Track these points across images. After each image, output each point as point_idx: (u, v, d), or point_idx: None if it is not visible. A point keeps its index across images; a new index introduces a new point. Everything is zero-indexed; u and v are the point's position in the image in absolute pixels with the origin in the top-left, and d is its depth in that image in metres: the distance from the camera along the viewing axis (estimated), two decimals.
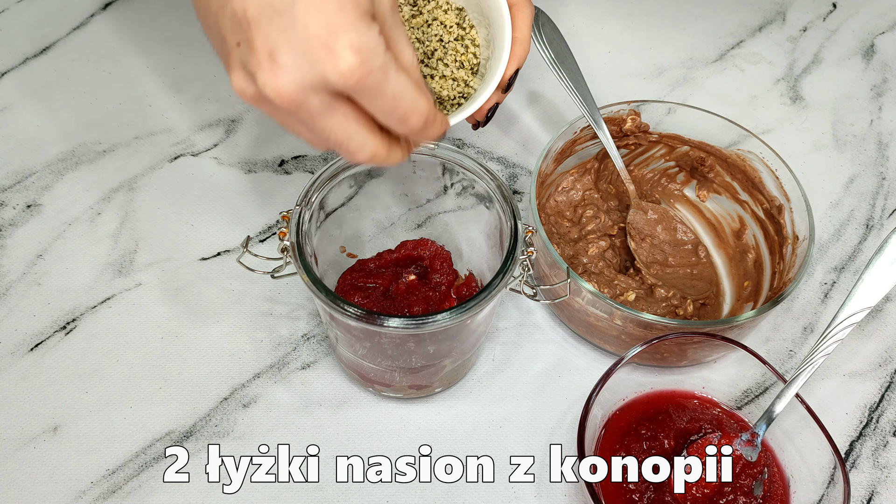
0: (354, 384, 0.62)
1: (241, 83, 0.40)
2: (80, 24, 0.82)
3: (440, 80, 0.58)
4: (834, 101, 0.83)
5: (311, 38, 0.38)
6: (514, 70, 0.57)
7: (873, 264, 0.55)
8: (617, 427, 0.58)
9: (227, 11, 0.39)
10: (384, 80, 0.40)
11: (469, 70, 0.59)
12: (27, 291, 0.65)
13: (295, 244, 0.53)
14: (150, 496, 0.57)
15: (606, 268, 0.66)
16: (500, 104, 0.59)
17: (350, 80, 0.38)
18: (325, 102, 0.40)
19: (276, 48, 0.38)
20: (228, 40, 0.40)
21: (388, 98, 0.40)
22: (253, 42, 0.38)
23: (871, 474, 0.61)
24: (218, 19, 0.40)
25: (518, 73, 0.58)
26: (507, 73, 0.57)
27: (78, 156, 0.73)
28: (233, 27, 0.39)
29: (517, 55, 0.57)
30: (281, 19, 0.38)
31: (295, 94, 0.39)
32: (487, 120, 0.60)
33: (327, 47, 0.38)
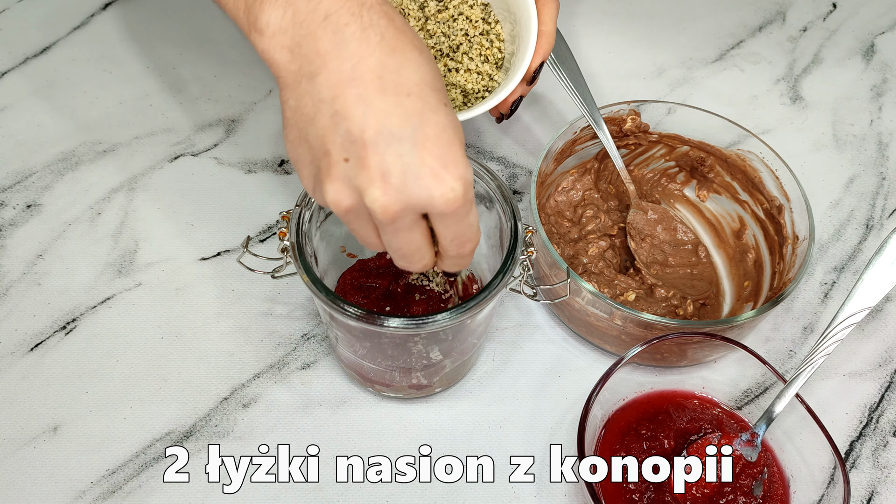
0: (354, 384, 0.62)
1: (340, 194, 0.43)
2: (80, 24, 0.82)
3: (465, 73, 0.59)
4: (834, 101, 0.83)
5: (425, 167, 0.42)
6: (539, 62, 0.58)
7: (873, 264, 0.55)
8: (617, 427, 0.58)
9: (340, 129, 0.42)
10: (470, 211, 0.44)
11: (493, 64, 0.60)
12: (27, 291, 0.65)
13: (295, 244, 0.53)
14: (150, 496, 0.57)
15: (606, 268, 0.66)
16: (524, 97, 0.60)
17: (452, 206, 0.43)
18: (414, 221, 0.44)
19: (391, 171, 0.41)
20: (334, 155, 0.42)
21: (465, 226, 0.45)
22: (367, 160, 0.41)
23: (871, 474, 0.61)
24: (325, 134, 0.42)
25: (543, 67, 0.59)
26: (532, 66, 0.58)
27: (78, 156, 0.73)
28: (345, 144, 0.42)
29: (542, 48, 0.58)
30: (399, 145, 0.41)
31: (398, 213, 0.42)
32: (511, 112, 0.60)
33: (438, 176, 0.42)
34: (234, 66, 0.80)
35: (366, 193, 0.42)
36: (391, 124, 0.41)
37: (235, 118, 0.76)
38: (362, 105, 0.42)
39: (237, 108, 0.77)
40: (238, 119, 0.76)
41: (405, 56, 0.43)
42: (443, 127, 0.42)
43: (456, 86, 0.59)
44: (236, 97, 0.78)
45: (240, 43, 0.81)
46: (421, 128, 0.42)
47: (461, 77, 0.59)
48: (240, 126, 0.76)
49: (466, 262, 0.49)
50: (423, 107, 0.42)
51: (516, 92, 0.59)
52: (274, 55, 0.44)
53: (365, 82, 0.42)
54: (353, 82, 0.42)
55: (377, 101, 0.42)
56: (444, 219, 0.44)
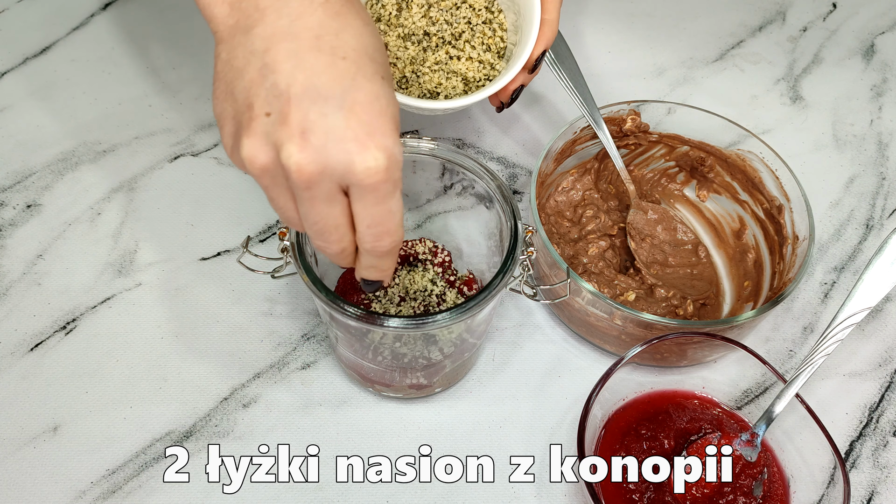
0: (354, 384, 0.62)
1: (255, 149, 0.41)
2: (80, 24, 0.82)
3: (466, 61, 0.59)
4: (834, 101, 0.83)
5: (349, 130, 0.40)
6: (541, 51, 0.57)
7: (873, 264, 0.55)
8: (617, 427, 0.58)
9: (267, 82, 0.40)
10: (393, 192, 0.42)
11: (495, 53, 0.60)
12: (27, 291, 0.65)
13: (295, 244, 0.53)
14: (150, 496, 0.57)
15: (606, 268, 0.66)
16: (525, 86, 0.59)
17: (371, 177, 0.40)
18: (333, 191, 0.41)
19: (311, 129, 0.39)
20: (256, 108, 0.41)
21: (385, 211, 0.42)
22: (288, 116, 0.40)
23: (871, 474, 0.61)
24: (251, 86, 0.41)
25: (545, 55, 0.58)
26: (534, 54, 0.58)
27: (78, 156, 0.73)
28: (269, 98, 0.40)
29: (545, 36, 0.57)
30: (324, 104, 0.40)
31: (313, 175, 0.40)
32: (512, 101, 0.60)
33: (361, 142, 0.40)
34: None
35: (282, 149, 0.40)
36: (320, 83, 0.40)
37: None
38: (293, 60, 0.40)
39: None
40: None
41: (347, 21, 0.42)
42: (375, 96, 0.41)
43: (457, 73, 0.59)
44: None
45: None
46: (351, 91, 0.40)
47: (462, 65, 0.59)
48: None
49: (384, 266, 0.46)
50: (356, 72, 0.41)
51: (517, 80, 0.58)
52: (213, 9, 0.43)
53: (300, 39, 0.40)
54: (287, 37, 0.40)
55: (309, 58, 0.40)
56: (363, 195, 0.41)
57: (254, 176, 0.42)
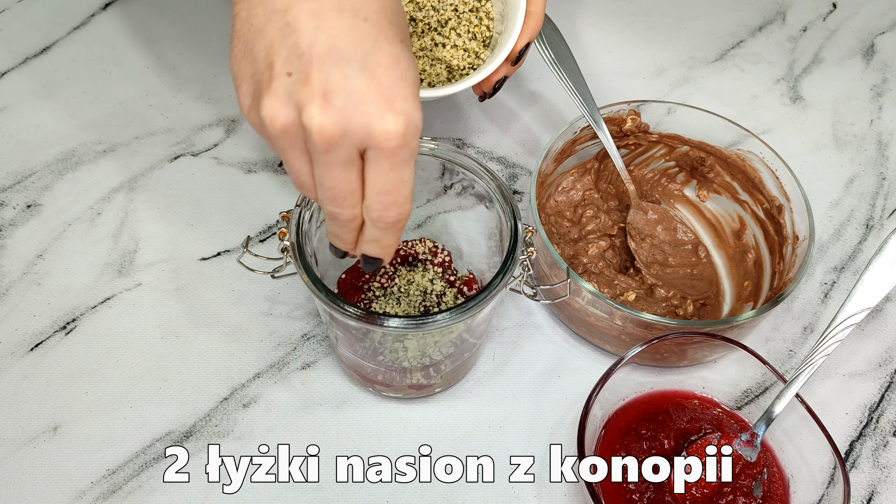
0: (354, 384, 0.62)
1: (276, 109, 0.40)
2: (80, 24, 0.82)
3: (451, 49, 0.59)
4: (834, 101, 0.83)
5: (370, 92, 0.39)
6: (525, 42, 0.57)
7: (873, 265, 0.55)
8: (617, 427, 0.58)
9: (288, 41, 0.40)
10: (409, 160, 0.41)
11: (481, 42, 0.60)
12: (27, 291, 0.65)
13: (295, 244, 0.53)
14: (150, 496, 0.57)
15: (606, 268, 0.66)
16: (508, 77, 0.59)
17: (390, 142, 0.40)
18: (351, 155, 0.41)
19: (334, 90, 0.39)
20: (277, 67, 0.40)
21: (398, 179, 0.42)
22: (310, 77, 0.39)
23: (871, 474, 0.61)
24: (271, 45, 0.41)
25: (529, 48, 0.58)
26: (518, 45, 0.57)
27: (78, 156, 0.73)
28: (290, 58, 0.40)
29: (529, 28, 0.57)
30: (347, 66, 0.39)
31: (334, 137, 0.40)
32: (494, 91, 0.59)
33: (382, 105, 0.39)
34: None
35: (304, 110, 0.39)
36: (342, 44, 0.40)
37: (235, 118, 0.76)
38: (315, 20, 0.40)
39: (237, 108, 0.77)
40: (238, 119, 0.76)
41: None
42: (396, 59, 0.40)
43: (441, 61, 0.59)
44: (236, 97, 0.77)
45: None
46: (373, 54, 0.40)
47: (447, 52, 0.58)
48: (240, 126, 0.76)
49: (387, 242, 0.45)
50: (378, 34, 0.40)
51: (500, 71, 0.58)
52: None
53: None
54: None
55: (331, 19, 0.40)
56: (379, 159, 0.41)
57: (272, 136, 0.42)
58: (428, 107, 0.77)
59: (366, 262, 0.47)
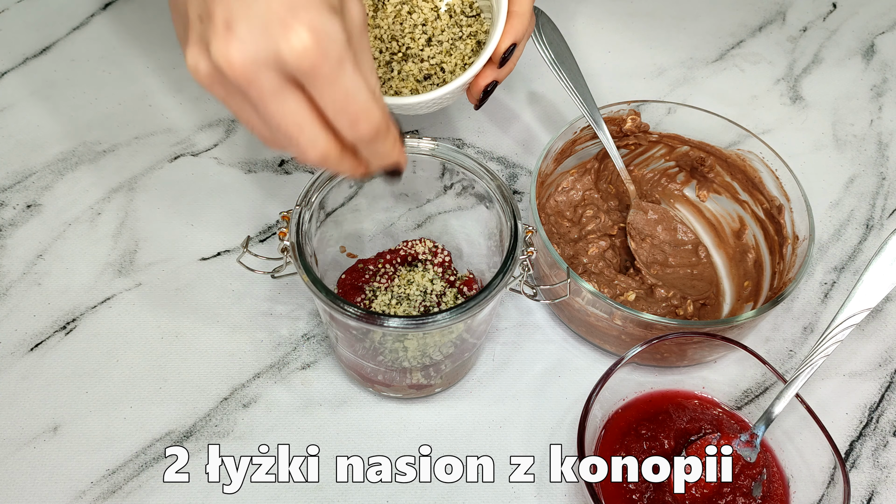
0: (354, 384, 0.62)
1: (194, 58, 0.39)
2: (80, 24, 0.82)
3: (445, 55, 0.59)
4: (834, 101, 0.83)
5: (271, 12, 0.37)
6: (508, 43, 0.55)
7: (873, 265, 0.55)
8: (617, 427, 0.58)
9: None
10: (339, 71, 0.39)
11: (470, 46, 0.60)
12: (27, 291, 0.65)
13: (295, 244, 0.53)
14: (150, 496, 0.57)
15: (606, 268, 0.66)
16: (498, 82, 0.57)
17: (303, 60, 0.38)
18: (278, 84, 0.39)
19: (234, 18, 0.38)
20: (192, 16, 0.39)
21: (341, 93, 0.39)
22: (213, 13, 0.38)
23: (871, 474, 0.61)
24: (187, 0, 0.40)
25: (515, 49, 0.56)
26: (500, 46, 0.55)
27: (78, 156, 0.73)
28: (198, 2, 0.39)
29: (513, 29, 0.55)
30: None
31: (246, 67, 0.38)
32: (485, 96, 0.58)
33: (284, 23, 0.37)
34: None
35: (210, 48, 0.38)
36: None
37: (235, 118, 0.76)
38: None
39: None
40: None
41: None
42: None
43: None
44: None
45: None
46: None
47: (414, 67, 0.59)
48: (240, 126, 0.76)
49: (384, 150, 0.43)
50: None
51: (486, 75, 0.56)
52: None
53: None
54: None
55: None
56: (308, 80, 0.39)
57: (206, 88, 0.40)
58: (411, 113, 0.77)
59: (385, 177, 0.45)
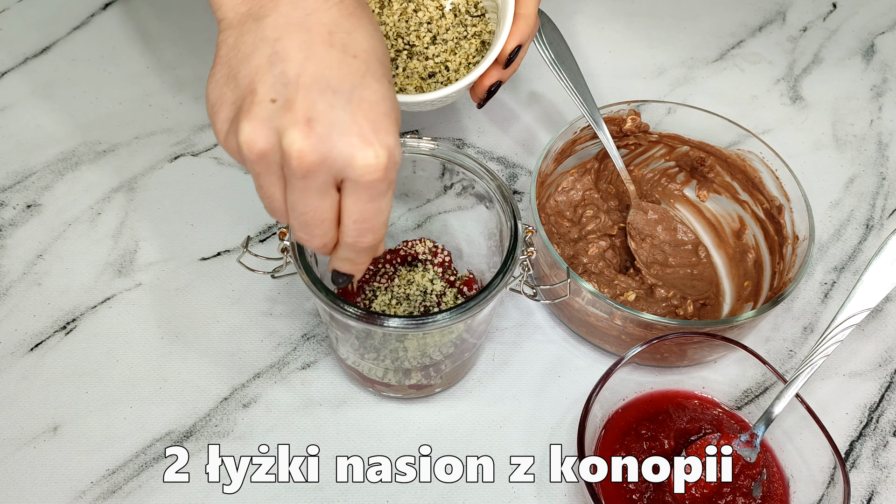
0: (354, 384, 0.62)
1: (255, 133, 0.40)
2: (80, 24, 0.82)
3: (449, 54, 0.59)
4: (834, 101, 0.83)
5: (354, 125, 0.40)
6: (514, 45, 0.56)
7: (873, 265, 0.55)
8: (617, 427, 0.58)
9: (275, 69, 0.40)
10: (387, 192, 0.42)
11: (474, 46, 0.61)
12: (27, 291, 0.65)
13: (295, 244, 0.53)
14: (150, 496, 0.57)
15: (606, 268, 0.66)
16: (502, 82, 0.59)
17: (370, 174, 0.40)
18: (327, 184, 0.41)
19: (318, 118, 0.39)
20: (261, 93, 0.40)
21: (375, 209, 0.42)
22: (294, 104, 0.39)
23: (871, 474, 0.61)
24: (256, 72, 0.41)
25: (520, 50, 0.57)
26: (506, 48, 0.57)
27: (78, 156, 0.73)
28: (276, 85, 0.40)
29: (519, 30, 0.57)
30: (333, 96, 0.40)
31: (314, 164, 0.40)
32: (489, 96, 0.59)
33: (365, 138, 0.40)
34: None
35: (285, 134, 0.39)
36: (330, 75, 0.40)
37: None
38: (305, 51, 0.40)
39: None
40: None
41: (360, 23, 0.42)
42: (382, 96, 0.41)
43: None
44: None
45: None
46: (360, 88, 0.40)
47: (444, 56, 0.60)
48: None
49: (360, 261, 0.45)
50: (366, 71, 0.41)
51: (491, 75, 0.58)
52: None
53: (313, 32, 0.40)
54: (300, 29, 0.40)
55: (321, 51, 0.40)
56: (358, 190, 0.41)
57: (248, 161, 0.41)
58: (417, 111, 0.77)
59: (336, 276, 0.47)
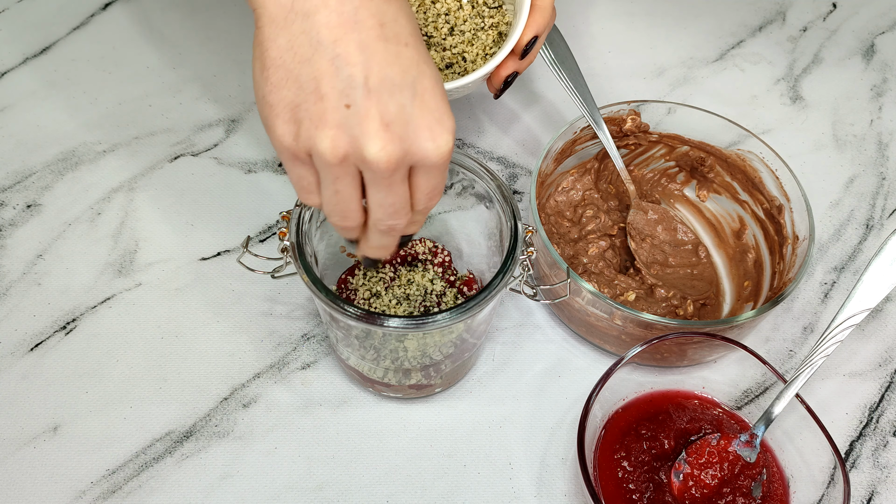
0: (354, 384, 0.62)
1: (335, 140, 0.42)
2: (80, 24, 0.82)
3: (466, 45, 0.60)
4: (834, 101, 0.83)
5: (424, 118, 0.42)
6: (531, 35, 0.58)
7: (873, 265, 0.55)
8: (617, 427, 0.58)
9: (342, 73, 0.41)
10: (447, 165, 0.44)
11: (492, 37, 0.62)
12: (27, 291, 0.65)
13: (295, 244, 0.53)
14: (151, 496, 0.57)
15: (606, 268, 0.66)
16: (519, 73, 0.60)
17: (442, 157, 0.43)
18: (405, 176, 0.44)
19: (393, 121, 0.41)
20: (333, 100, 0.41)
21: (440, 181, 0.45)
22: (370, 110, 0.41)
23: (871, 474, 0.61)
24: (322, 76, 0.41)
25: (537, 41, 0.58)
26: (522, 38, 0.58)
27: (78, 156, 0.73)
28: (346, 90, 0.41)
29: (536, 21, 0.58)
30: (401, 94, 0.42)
31: (398, 164, 0.42)
32: (505, 86, 0.61)
33: (434, 129, 0.42)
34: (234, 66, 0.80)
35: (368, 142, 0.41)
36: (392, 73, 0.41)
37: (235, 118, 0.76)
38: (364, 51, 0.41)
39: (237, 108, 0.77)
40: (238, 119, 0.76)
41: (399, 6, 0.43)
42: (435, 80, 0.43)
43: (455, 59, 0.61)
44: (236, 97, 0.78)
45: (240, 43, 0.81)
46: (420, 79, 0.42)
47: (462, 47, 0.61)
48: (240, 126, 0.76)
49: (391, 244, 0.48)
50: (419, 59, 0.43)
51: (508, 66, 0.59)
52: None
53: (366, 28, 0.41)
54: (355, 26, 0.41)
55: (379, 49, 0.41)
56: (429, 172, 0.44)
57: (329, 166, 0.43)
58: None
59: (367, 261, 0.50)
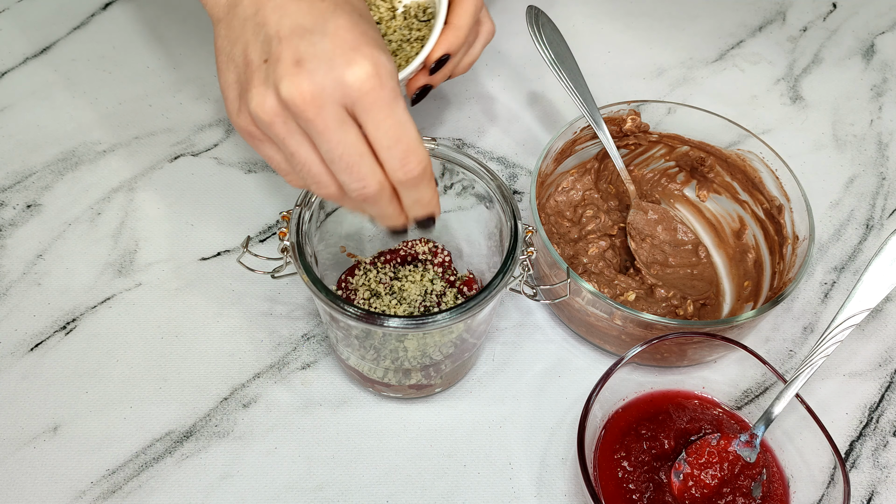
0: (354, 384, 0.62)
1: (261, 96, 0.44)
2: (80, 24, 0.82)
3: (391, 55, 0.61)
4: (834, 101, 0.83)
5: (336, 49, 0.43)
6: (440, 54, 0.58)
7: (873, 265, 0.55)
8: (617, 427, 0.58)
9: (259, 36, 0.44)
10: (395, 102, 0.43)
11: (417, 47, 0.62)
12: (27, 291, 0.65)
13: (295, 244, 0.53)
14: (151, 496, 0.57)
15: (606, 268, 0.66)
16: (432, 87, 0.61)
17: (364, 85, 0.42)
18: (341, 115, 0.43)
19: (304, 57, 0.43)
20: (255, 60, 0.44)
21: (396, 123, 0.44)
22: (281, 55, 0.43)
23: (871, 474, 0.61)
24: (246, 45, 0.45)
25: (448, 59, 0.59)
26: (432, 55, 0.58)
27: (78, 156, 0.73)
28: (263, 46, 0.44)
29: (447, 40, 0.58)
30: (311, 35, 0.43)
31: (315, 96, 0.42)
32: (416, 99, 0.61)
33: (348, 57, 0.43)
34: None
35: (281, 84, 0.42)
36: (304, 20, 0.44)
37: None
38: (279, 11, 0.44)
39: None
40: None
41: None
42: (355, 22, 0.44)
43: None
44: None
45: None
46: (333, 20, 0.44)
47: None
48: None
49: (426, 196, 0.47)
50: (335, 8, 0.44)
51: (419, 79, 0.59)
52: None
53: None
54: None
55: (292, 7, 0.44)
56: (366, 109, 0.43)
57: (267, 126, 0.44)
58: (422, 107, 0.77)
59: (421, 226, 0.49)
